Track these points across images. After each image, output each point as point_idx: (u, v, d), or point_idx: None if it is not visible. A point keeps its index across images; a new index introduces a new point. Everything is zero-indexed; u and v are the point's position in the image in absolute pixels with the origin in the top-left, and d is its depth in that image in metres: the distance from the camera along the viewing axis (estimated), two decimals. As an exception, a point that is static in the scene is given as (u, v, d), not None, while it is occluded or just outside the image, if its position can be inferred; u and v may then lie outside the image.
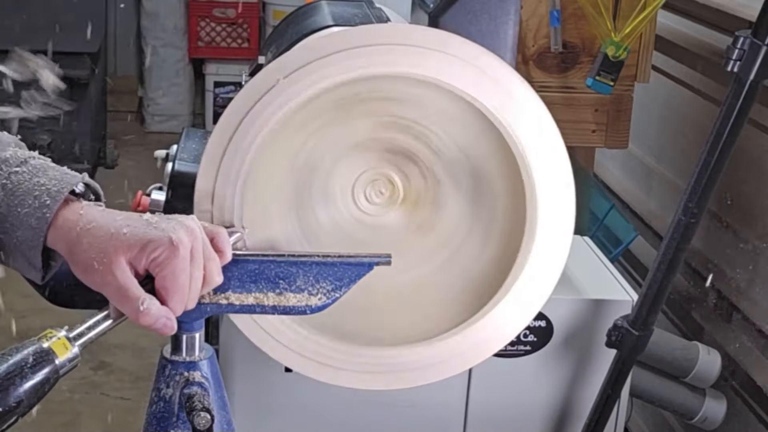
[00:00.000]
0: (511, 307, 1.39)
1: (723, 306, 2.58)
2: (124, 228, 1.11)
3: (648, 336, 2.13)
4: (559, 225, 1.38)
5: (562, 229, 1.38)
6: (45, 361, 1.03)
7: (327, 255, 1.28)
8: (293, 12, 1.84)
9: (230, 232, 1.26)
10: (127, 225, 1.11)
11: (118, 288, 1.09)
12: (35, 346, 1.04)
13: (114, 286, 1.09)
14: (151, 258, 1.10)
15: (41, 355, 1.03)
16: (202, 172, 1.33)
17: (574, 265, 2.11)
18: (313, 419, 2.10)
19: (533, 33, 2.50)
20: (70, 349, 1.06)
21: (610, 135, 2.58)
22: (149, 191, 1.54)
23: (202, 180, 1.33)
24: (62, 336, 1.06)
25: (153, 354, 1.33)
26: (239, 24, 5.94)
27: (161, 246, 1.10)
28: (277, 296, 1.26)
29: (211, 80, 5.93)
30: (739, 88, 2.00)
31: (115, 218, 1.12)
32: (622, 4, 2.44)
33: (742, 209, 2.57)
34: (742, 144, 2.08)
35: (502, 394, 2.13)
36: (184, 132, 1.66)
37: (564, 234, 1.39)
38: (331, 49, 1.31)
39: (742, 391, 2.45)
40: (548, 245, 1.38)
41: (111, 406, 3.34)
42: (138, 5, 5.98)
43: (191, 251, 1.12)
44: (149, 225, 1.12)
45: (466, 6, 2.42)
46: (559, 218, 1.38)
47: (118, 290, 1.09)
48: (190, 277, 1.12)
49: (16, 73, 1.22)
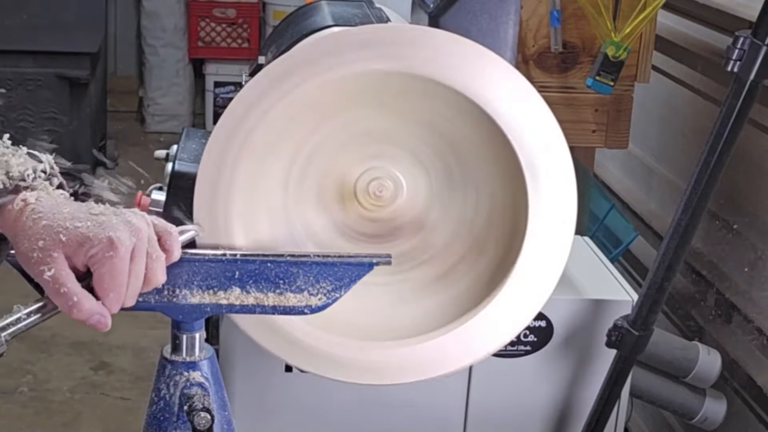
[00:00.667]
0: (511, 307, 1.39)
1: (723, 306, 2.58)
2: (66, 222, 1.11)
3: (648, 336, 2.13)
4: (559, 225, 1.38)
5: (562, 229, 1.38)
6: None
7: (327, 255, 1.28)
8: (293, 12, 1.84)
9: (183, 230, 1.25)
10: (71, 218, 1.12)
11: (53, 281, 1.10)
12: None
13: (49, 279, 1.10)
14: (88, 255, 1.11)
15: None
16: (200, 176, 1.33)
17: (574, 265, 2.10)
18: (313, 419, 2.10)
19: (533, 33, 2.50)
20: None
21: (610, 135, 2.58)
22: (149, 191, 1.54)
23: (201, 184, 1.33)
24: None
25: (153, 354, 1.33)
26: (239, 24, 5.94)
27: (99, 244, 1.11)
28: (277, 296, 1.26)
29: (211, 80, 5.93)
30: (739, 88, 2.00)
31: (62, 211, 1.13)
32: (622, 4, 2.44)
33: (742, 209, 2.57)
34: (742, 144, 2.08)
35: (502, 394, 2.13)
36: (184, 132, 1.66)
37: (564, 234, 1.39)
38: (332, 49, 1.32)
39: (742, 391, 2.45)
40: (548, 245, 1.38)
41: (111, 406, 3.34)
42: (138, 5, 5.97)
43: (133, 250, 1.12)
44: (93, 221, 1.12)
45: (466, 6, 2.42)
46: (560, 218, 1.38)
47: (53, 283, 1.10)
48: (129, 275, 1.13)
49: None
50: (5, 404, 3.28)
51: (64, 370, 3.50)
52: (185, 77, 6.03)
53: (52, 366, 3.51)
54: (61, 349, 3.59)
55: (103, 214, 1.14)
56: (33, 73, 4.60)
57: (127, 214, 1.15)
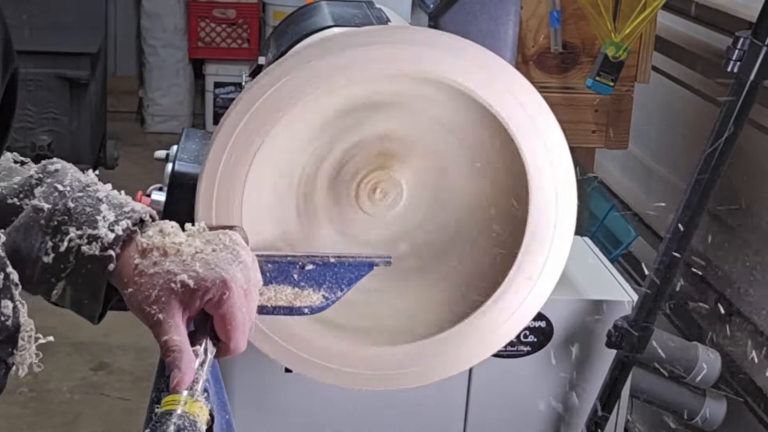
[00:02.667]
0: (510, 307, 1.40)
1: (723, 306, 2.58)
2: (176, 267, 1.08)
3: (648, 336, 2.13)
4: (559, 225, 1.38)
5: (562, 229, 1.39)
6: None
7: (327, 255, 1.28)
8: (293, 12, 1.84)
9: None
10: (181, 262, 1.09)
11: (162, 332, 1.07)
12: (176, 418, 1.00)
13: (162, 339, 1.07)
14: (205, 300, 1.08)
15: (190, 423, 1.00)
16: (203, 176, 1.33)
17: (574, 265, 2.11)
18: (313, 419, 2.10)
19: (533, 33, 2.50)
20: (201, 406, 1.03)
21: (610, 135, 2.58)
22: (149, 191, 1.54)
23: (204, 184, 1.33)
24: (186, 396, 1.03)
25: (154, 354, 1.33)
26: (239, 24, 5.94)
27: (213, 287, 1.08)
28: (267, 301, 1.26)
29: (211, 80, 5.93)
30: (739, 89, 2.00)
31: (170, 255, 1.10)
32: (622, 5, 2.44)
33: (742, 209, 2.57)
34: (742, 144, 2.08)
35: (502, 394, 2.13)
36: (184, 132, 1.66)
37: (564, 234, 1.39)
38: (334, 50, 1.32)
39: (742, 392, 2.45)
40: (548, 246, 1.38)
41: (111, 407, 3.34)
42: (138, 5, 5.98)
43: (244, 288, 1.10)
44: (203, 261, 1.09)
45: (466, 6, 2.42)
46: (560, 218, 1.38)
47: (162, 335, 1.07)
48: (247, 312, 1.11)
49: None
50: (5, 404, 3.28)
51: (64, 371, 3.50)
52: (185, 77, 6.03)
53: (52, 366, 3.51)
54: (61, 350, 3.59)
55: (211, 243, 1.11)
56: (33, 73, 4.60)
57: (237, 247, 1.13)
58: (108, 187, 1.15)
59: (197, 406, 1.02)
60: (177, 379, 1.04)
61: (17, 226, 1.09)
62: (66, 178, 1.12)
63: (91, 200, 1.11)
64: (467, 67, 1.33)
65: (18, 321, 1.01)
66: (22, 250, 1.08)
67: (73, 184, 1.12)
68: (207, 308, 1.09)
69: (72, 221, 1.09)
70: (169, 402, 1.02)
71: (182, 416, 1.00)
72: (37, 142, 4.65)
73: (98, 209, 1.10)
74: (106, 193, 1.13)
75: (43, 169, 1.13)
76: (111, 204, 1.11)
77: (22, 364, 1.04)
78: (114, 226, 1.09)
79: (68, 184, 1.11)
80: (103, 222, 1.09)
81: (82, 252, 1.08)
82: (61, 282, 1.09)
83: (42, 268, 1.09)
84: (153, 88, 5.98)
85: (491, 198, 1.42)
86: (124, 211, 1.11)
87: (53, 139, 4.70)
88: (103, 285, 1.10)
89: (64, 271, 1.09)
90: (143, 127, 6.03)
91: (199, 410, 1.02)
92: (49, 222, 1.09)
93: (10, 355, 1.02)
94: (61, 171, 1.13)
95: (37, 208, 1.09)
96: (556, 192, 1.37)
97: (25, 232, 1.08)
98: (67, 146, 4.71)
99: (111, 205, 1.11)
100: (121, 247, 1.09)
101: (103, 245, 1.08)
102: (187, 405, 1.01)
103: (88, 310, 1.12)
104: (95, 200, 1.11)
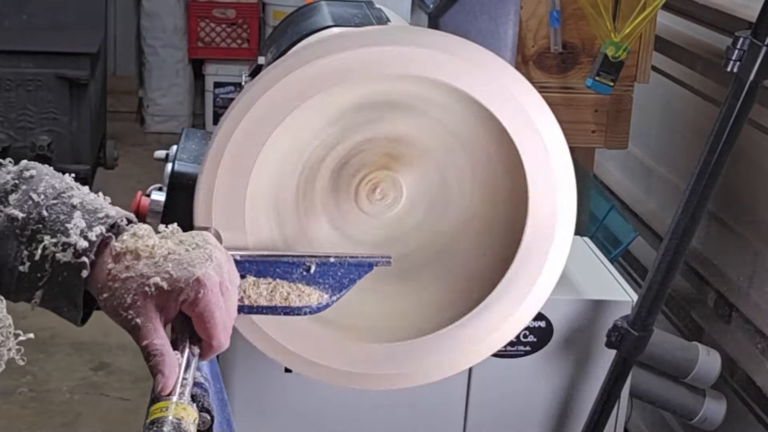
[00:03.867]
0: (510, 307, 1.40)
1: (723, 306, 2.58)
2: (149, 269, 1.08)
3: (648, 336, 2.13)
4: (559, 225, 1.38)
5: (562, 229, 1.39)
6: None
7: (327, 255, 1.28)
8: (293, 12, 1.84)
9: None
10: (153, 265, 1.08)
11: (142, 336, 1.07)
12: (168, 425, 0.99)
13: (142, 344, 1.07)
14: (180, 300, 1.08)
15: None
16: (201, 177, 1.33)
17: (574, 265, 2.11)
18: (312, 419, 2.10)
19: (533, 33, 2.50)
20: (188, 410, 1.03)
21: (609, 135, 2.58)
22: (149, 191, 1.54)
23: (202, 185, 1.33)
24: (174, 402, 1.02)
25: (153, 354, 1.33)
26: (239, 24, 5.94)
27: (187, 287, 1.08)
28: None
29: (211, 81, 5.92)
30: (739, 89, 2.00)
31: (141, 258, 1.09)
32: (622, 5, 2.44)
33: (742, 209, 2.57)
34: (742, 144, 2.08)
35: (502, 394, 2.13)
36: (184, 132, 1.66)
37: (564, 234, 1.39)
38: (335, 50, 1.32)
39: (742, 392, 2.45)
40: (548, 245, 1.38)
41: (111, 407, 3.34)
42: (138, 5, 5.97)
43: (221, 285, 1.10)
44: (175, 262, 1.09)
45: (466, 6, 2.42)
46: (559, 218, 1.38)
47: (143, 338, 1.07)
48: (227, 309, 1.11)
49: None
50: (5, 404, 3.28)
51: (64, 371, 3.50)
52: (185, 77, 6.03)
53: (52, 366, 3.51)
54: (61, 350, 3.59)
55: (184, 244, 1.11)
56: (33, 73, 4.60)
57: (209, 246, 1.12)
58: (85, 190, 1.15)
59: (187, 411, 1.01)
60: (162, 384, 1.03)
61: None
62: (40, 185, 1.12)
63: (65, 207, 1.11)
64: (467, 67, 1.33)
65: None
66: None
67: (47, 191, 1.11)
68: (184, 309, 1.09)
69: (46, 229, 1.09)
70: (157, 410, 1.01)
71: (173, 423, 0.99)
72: (37, 142, 4.64)
73: (72, 216, 1.10)
74: (80, 200, 1.12)
75: (19, 175, 1.13)
76: (85, 210, 1.11)
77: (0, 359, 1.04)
78: (87, 233, 1.09)
79: (42, 191, 1.11)
80: (76, 229, 1.09)
81: (57, 259, 1.08)
82: (38, 290, 1.09)
83: (18, 277, 1.09)
84: (153, 88, 5.98)
85: (491, 199, 1.42)
86: (98, 217, 1.11)
87: (53, 139, 4.70)
88: (80, 292, 1.09)
89: (41, 279, 1.09)
90: (143, 127, 6.03)
91: (188, 415, 1.01)
92: (24, 231, 1.09)
93: None
94: (36, 177, 1.13)
95: (11, 218, 1.09)
96: (556, 192, 1.37)
97: (0, 242, 1.08)
98: (67, 146, 4.70)
99: (85, 211, 1.11)
100: (95, 253, 1.09)
101: (76, 252, 1.08)
102: (175, 410, 1.01)
103: (68, 315, 1.12)
104: (69, 207, 1.11)
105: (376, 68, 1.32)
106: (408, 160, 1.42)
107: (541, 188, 1.37)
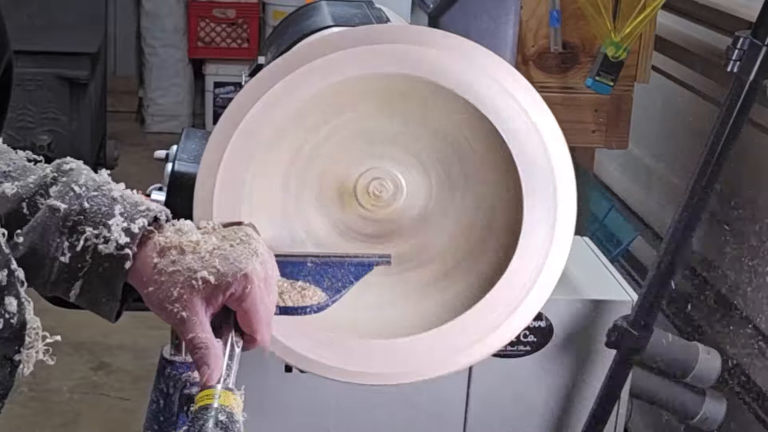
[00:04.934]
0: (510, 307, 1.39)
1: (723, 306, 2.58)
2: (196, 264, 1.09)
3: (648, 336, 2.13)
4: (559, 225, 1.38)
5: (562, 229, 1.39)
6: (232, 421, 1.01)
7: (327, 255, 1.28)
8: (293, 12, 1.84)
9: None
10: (200, 260, 1.09)
11: (187, 330, 1.08)
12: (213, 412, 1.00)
13: (188, 337, 1.08)
14: (227, 295, 1.09)
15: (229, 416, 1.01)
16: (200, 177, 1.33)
17: (574, 265, 2.11)
18: (313, 419, 2.10)
19: (533, 33, 2.50)
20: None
21: (610, 135, 2.58)
22: (149, 191, 1.54)
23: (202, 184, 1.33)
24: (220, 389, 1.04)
25: (153, 354, 1.33)
26: (239, 24, 5.94)
27: (235, 282, 1.09)
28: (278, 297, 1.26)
29: (211, 80, 5.93)
30: (739, 88, 2.00)
31: (187, 253, 1.10)
32: (622, 5, 2.44)
33: (741, 209, 2.57)
34: (742, 144, 2.08)
35: (502, 394, 2.13)
36: (184, 132, 1.66)
37: (564, 234, 1.39)
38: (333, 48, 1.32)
39: (742, 392, 2.45)
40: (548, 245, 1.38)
41: (111, 406, 3.35)
42: (138, 5, 5.98)
43: (265, 280, 1.12)
44: (222, 257, 1.10)
45: (466, 6, 2.42)
46: (559, 218, 1.38)
47: (187, 333, 1.08)
48: (269, 304, 1.12)
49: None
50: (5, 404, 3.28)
51: (64, 370, 3.50)
52: (185, 77, 6.03)
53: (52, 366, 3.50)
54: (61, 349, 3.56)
55: (227, 239, 1.12)
56: (33, 73, 4.60)
57: (253, 241, 1.14)
58: (121, 186, 1.15)
59: (232, 398, 1.02)
60: (207, 375, 1.05)
61: (34, 226, 1.09)
62: (81, 178, 1.12)
63: (106, 199, 1.11)
64: (466, 66, 1.33)
65: (24, 318, 1.01)
66: (39, 251, 1.08)
67: (88, 183, 1.12)
68: (229, 303, 1.10)
69: (88, 221, 1.09)
70: (204, 397, 1.02)
71: (219, 409, 1.00)
72: (36, 142, 4.64)
73: (113, 208, 1.10)
74: (120, 193, 1.13)
75: (58, 168, 1.14)
76: (126, 203, 1.12)
77: (27, 362, 1.04)
78: (130, 225, 1.09)
79: (83, 183, 1.11)
80: (119, 221, 1.09)
81: (98, 251, 1.08)
82: (78, 281, 1.10)
83: (59, 267, 1.09)
84: (153, 88, 5.98)
85: (491, 198, 1.42)
86: (140, 210, 1.11)
87: (53, 139, 4.70)
88: (120, 283, 1.10)
89: (81, 270, 1.09)
90: (143, 127, 6.03)
91: (235, 402, 1.02)
92: (65, 222, 1.09)
93: (16, 352, 1.02)
94: (76, 170, 1.13)
95: (53, 208, 1.09)
96: (556, 192, 1.37)
97: (42, 233, 1.08)
98: (67, 146, 4.70)
99: (126, 204, 1.11)
100: (137, 245, 1.09)
101: (119, 244, 1.08)
102: (221, 398, 1.02)
103: (105, 308, 1.12)
104: (110, 199, 1.11)
105: (374, 67, 1.33)
106: (407, 158, 1.41)
107: (541, 188, 1.37)
